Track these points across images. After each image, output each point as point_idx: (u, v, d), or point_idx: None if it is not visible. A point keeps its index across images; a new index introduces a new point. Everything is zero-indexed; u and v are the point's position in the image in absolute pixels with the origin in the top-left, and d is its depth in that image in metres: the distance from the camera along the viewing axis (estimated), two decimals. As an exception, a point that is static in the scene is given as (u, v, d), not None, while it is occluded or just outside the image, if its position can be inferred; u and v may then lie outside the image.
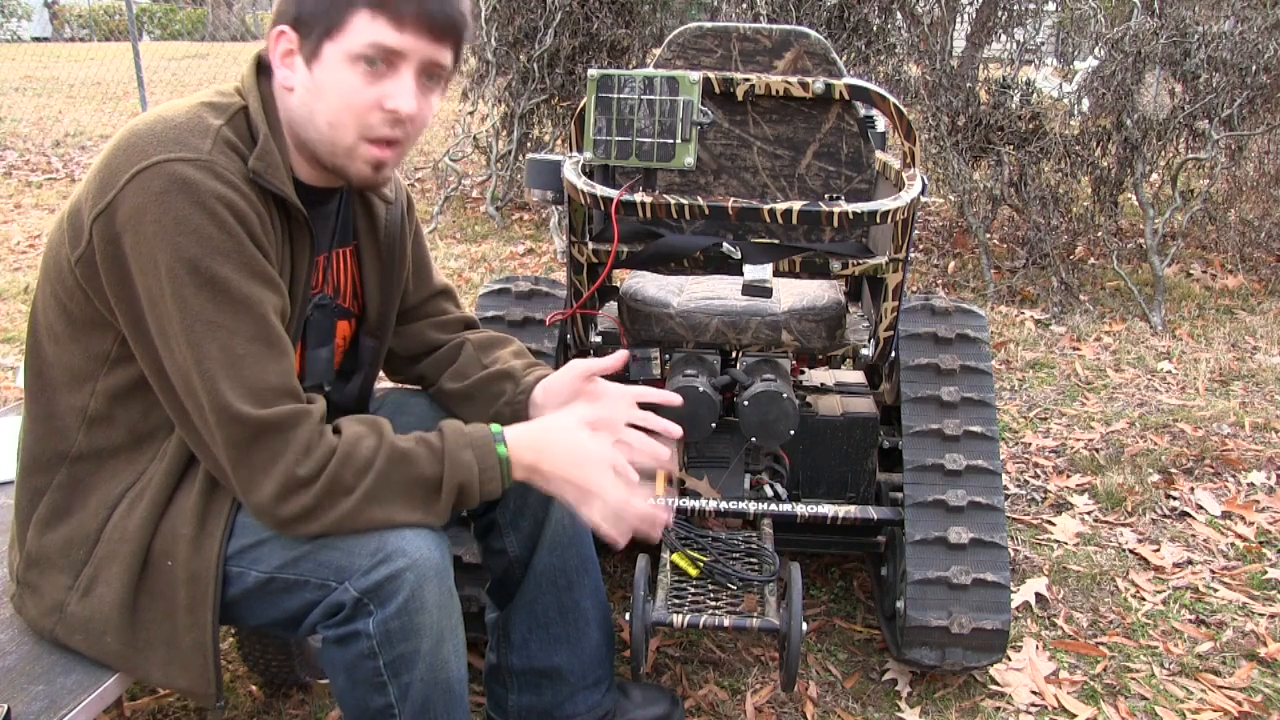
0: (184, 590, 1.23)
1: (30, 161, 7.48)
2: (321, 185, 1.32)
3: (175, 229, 1.13)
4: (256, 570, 1.25)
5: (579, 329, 1.97)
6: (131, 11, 8.87)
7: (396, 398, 1.60)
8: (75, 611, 1.26)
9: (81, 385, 1.26)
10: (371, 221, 1.44)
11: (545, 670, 1.59)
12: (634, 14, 5.69)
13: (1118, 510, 2.64)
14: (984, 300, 4.55)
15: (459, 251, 5.21)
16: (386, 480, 1.21)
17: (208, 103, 1.23)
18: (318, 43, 1.20)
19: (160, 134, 1.17)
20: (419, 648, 1.23)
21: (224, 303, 1.15)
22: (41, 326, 1.28)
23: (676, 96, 1.62)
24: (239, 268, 1.16)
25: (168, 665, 1.25)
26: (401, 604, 1.21)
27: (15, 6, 19.67)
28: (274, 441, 1.17)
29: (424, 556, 1.22)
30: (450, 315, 1.59)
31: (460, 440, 1.26)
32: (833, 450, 2.10)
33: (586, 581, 1.59)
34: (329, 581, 1.22)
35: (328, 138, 1.23)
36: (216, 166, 1.16)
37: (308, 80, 1.22)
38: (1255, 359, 3.86)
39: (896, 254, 1.76)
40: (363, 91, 1.20)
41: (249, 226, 1.18)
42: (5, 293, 4.31)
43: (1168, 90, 4.88)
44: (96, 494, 1.27)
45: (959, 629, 1.80)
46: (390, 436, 1.24)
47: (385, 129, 1.22)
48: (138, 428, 1.26)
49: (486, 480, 1.26)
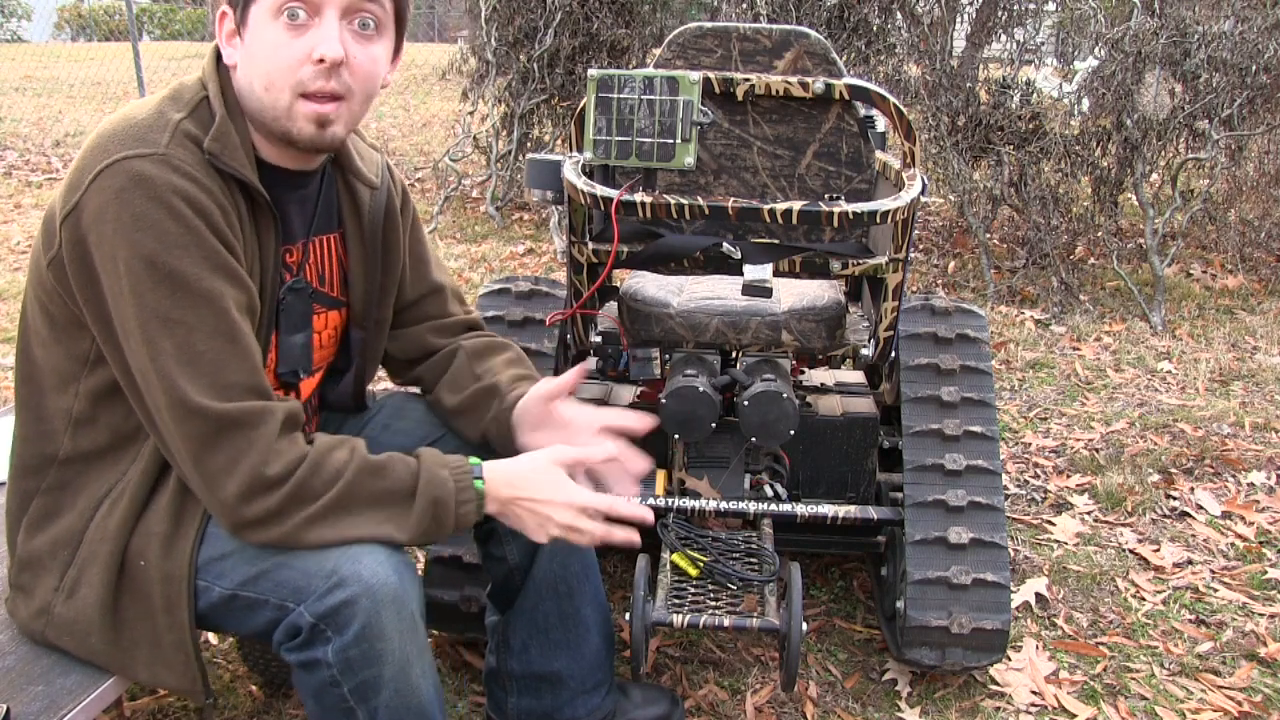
0: (159, 590, 1.23)
1: (30, 161, 7.48)
2: (293, 167, 1.31)
3: (133, 225, 1.12)
4: (220, 586, 1.23)
5: (579, 329, 1.97)
6: (131, 11, 8.86)
7: (396, 402, 1.59)
8: (61, 613, 1.26)
9: (66, 387, 1.25)
10: (356, 207, 1.42)
11: (545, 675, 1.58)
12: (634, 14, 5.69)
13: (1118, 510, 2.64)
14: (984, 300, 4.55)
15: (459, 251, 5.21)
16: (356, 490, 1.19)
17: (170, 96, 1.24)
18: (244, 10, 1.20)
19: (122, 132, 1.17)
20: (381, 674, 1.20)
21: (183, 298, 1.14)
22: (30, 330, 1.28)
23: (676, 96, 1.62)
24: (198, 261, 1.15)
25: (153, 664, 1.25)
26: (358, 631, 1.17)
27: (15, 6, 19.66)
28: (237, 438, 1.15)
29: (379, 582, 1.17)
30: (451, 318, 1.57)
31: (438, 460, 1.25)
32: (833, 450, 2.10)
33: (587, 589, 1.58)
34: (287, 603, 1.20)
35: (267, 103, 1.22)
36: (173, 159, 1.15)
37: (244, 51, 1.22)
38: (1255, 359, 3.86)
39: (896, 254, 1.75)
40: (289, 46, 1.19)
41: (208, 218, 1.16)
42: (5, 293, 4.31)
43: (1168, 90, 4.88)
44: (84, 496, 1.27)
45: (959, 629, 1.80)
46: (363, 450, 1.22)
47: (320, 81, 1.20)
48: (119, 429, 1.25)
49: (463, 501, 1.23)
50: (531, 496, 1.27)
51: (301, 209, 1.35)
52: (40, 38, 18.65)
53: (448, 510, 1.22)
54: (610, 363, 2.00)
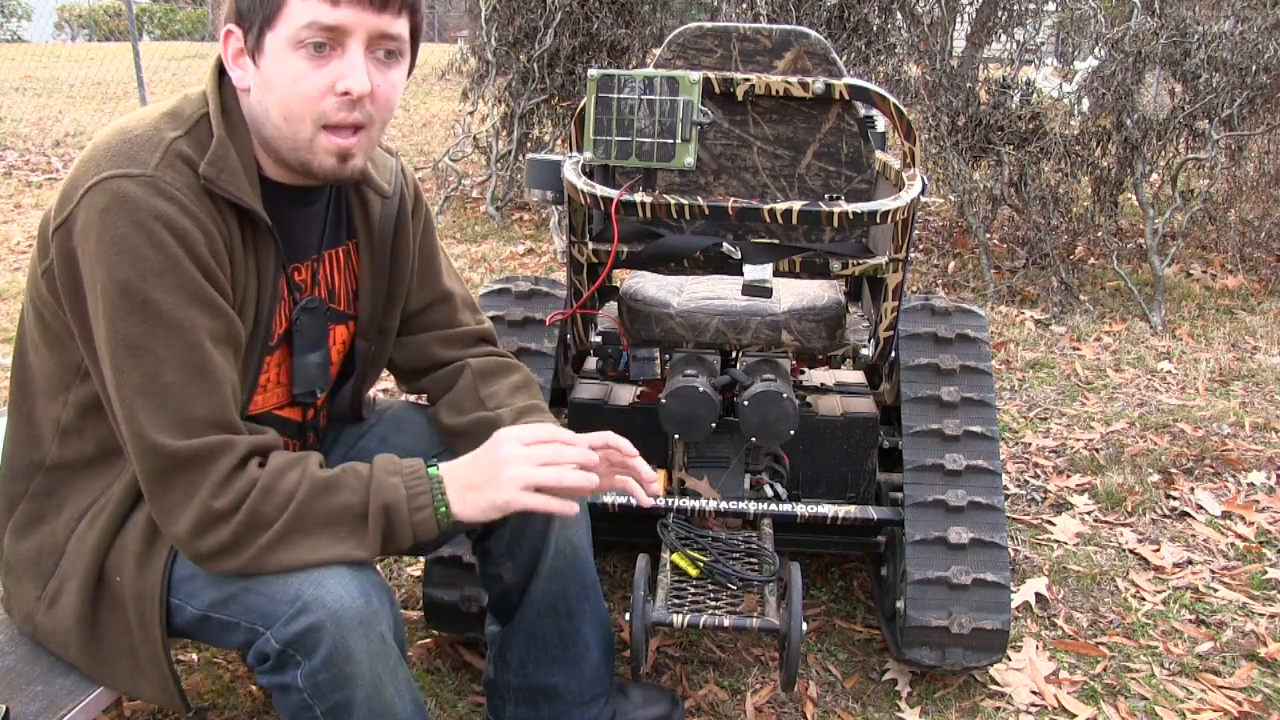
0: (133, 607, 1.22)
1: (30, 161, 7.48)
2: (302, 184, 1.27)
3: (112, 248, 1.10)
4: (192, 606, 1.22)
5: (579, 329, 1.97)
6: (131, 11, 8.86)
7: (395, 412, 1.56)
8: (42, 623, 1.27)
9: (57, 395, 1.25)
10: (367, 216, 1.39)
11: (542, 689, 1.55)
12: (634, 14, 5.69)
13: (1118, 510, 2.63)
14: (984, 300, 4.55)
15: (459, 251, 5.21)
16: (308, 511, 1.16)
17: (170, 112, 1.20)
18: (259, 35, 1.16)
19: (114, 148, 1.14)
20: (353, 696, 1.18)
21: (155, 327, 1.11)
22: (26, 335, 1.27)
23: (676, 96, 1.62)
24: (172, 290, 1.12)
25: (133, 677, 1.24)
26: (326, 656, 1.15)
27: (15, 6, 19.66)
28: (192, 473, 1.13)
29: (343, 606, 1.14)
30: (460, 328, 1.52)
31: (389, 467, 1.21)
32: (833, 450, 2.10)
33: (587, 608, 1.53)
34: (256, 626, 1.18)
35: (285, 133, 1.19)
36: (160, 182, 1.12)
37: (258, 77, 1.18)
38: (1255, 359, 3.86)
39: (896, 254, 1.75)
40: (311, 77, 1.15)
41: (190, 246, 1.13)
42: (5, 293, 4.31)
43: (1168, 90, 4.87)
44: (69, 505, 1.26)
45: (959, 629, 1.80)
46: (315, 468, 1.19)
47: (342, 113, 1.17)
48: (105, 441, 1.24)
49: (416, 505, 1.19)
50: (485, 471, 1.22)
51: (310, 225, 1.33)
52: (40, 38, 18.65)
53: (401, 518, 1.18)
54: (610, 363, 2.00)
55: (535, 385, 1.51)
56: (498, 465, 1.22)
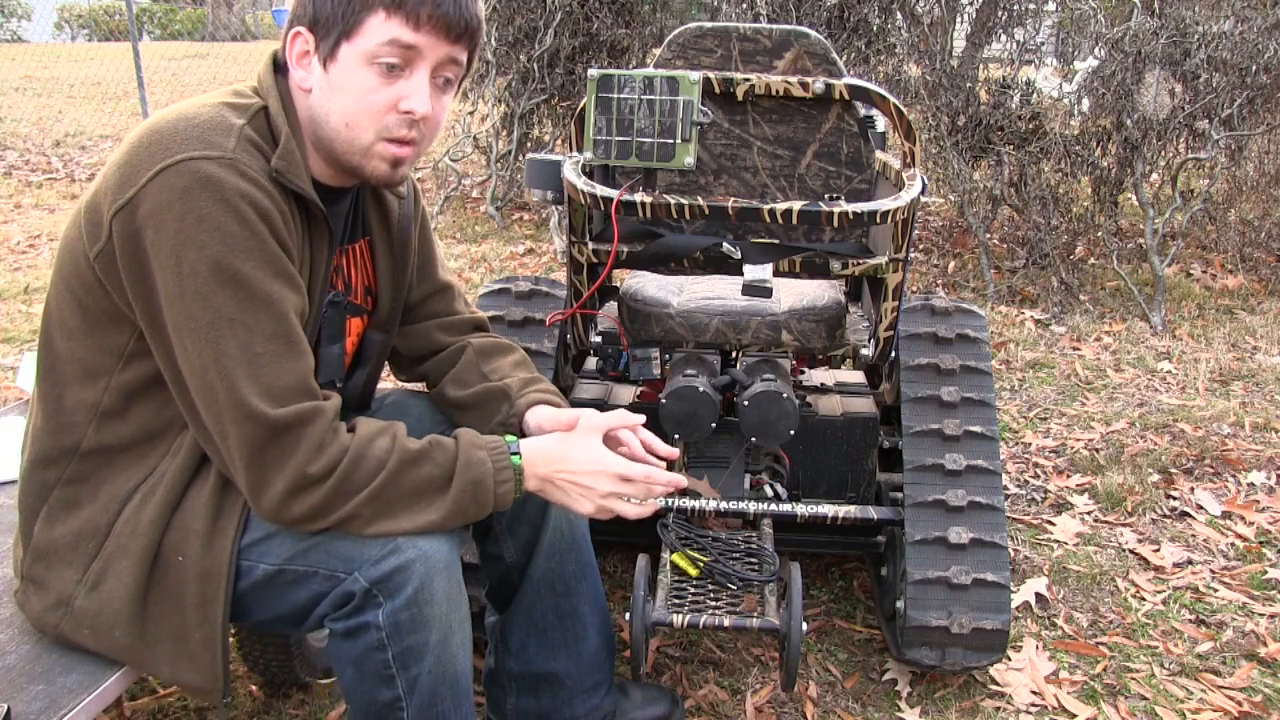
0: (195, 586, 1.24)
1: (30, 161, 7.48)
2: (336, 184, 1.33)
3: (199, 226, 1.14)
4: (266, 563, 1.26)
5: (579, 329, 1.97)
6: (131, 11, 8.86)
7: (397, 399, 1.60)
8: (83, 605, 1.26)
9: (94, 380, 1.26)
10: (384, 215, 1.45)
11: (543, 675, 1.58)
12: (634, 14, 5.69)
13: (1118, 510, 2.64)
14: (984, 300, 4.55)
15: (459, 251, 5.21)
16: (397, 481, 1.22)
17: (228, 102, 1.24)
18: (335, 44, 1.21)
19: (184, 131, 1.17)
20: (428, 640, 1.24)
21: (245, 300, 1.16)
22: (54, 322, 1.28)
23: (676, 96, 1.62)
24: (261, 265, 1.17)
25: (176, 661, 1.26)
26: (411, 595, 1.22)
27: (15, 6, 19.66)
28: (288, 439, 1.18)
29: (433, 549, 1.24)
30: (458, 316, 1.60)
31: (475, 441, 1.28)
32: (833, 450, 2.10)
33: (585, 587, 1.58)
34: (338, 572, 1.23)
35: (345, 137, 1.25)
36: (240, 164, 1.17)
37: (324, 81, 1.23)
38: (1255, 359, 3.86)
39: (896, 254, 1.76)
40: (379, 92, 1.22)
41: (272, 224, 1.19)
42: (5, 293, 4.31)
43: (1168, 90, 4.87)
44: (107, 488, 1.27)
45: (959, 629, 1.80)
46: (403, 438, 1.25)
47: (402, 129, 1.25)
48: (150, 424, 1.27)
49: (500, 481, 1.27)
50: (570, 469, 1.32)
51: (338, 222, 1.38)
52: (40, 38, 18.65)
53: (486, 491, 1.26)
54: (610, 363, 2.01)
55: (532, 364, 1.59)
56: (580, 479, 1.33)
